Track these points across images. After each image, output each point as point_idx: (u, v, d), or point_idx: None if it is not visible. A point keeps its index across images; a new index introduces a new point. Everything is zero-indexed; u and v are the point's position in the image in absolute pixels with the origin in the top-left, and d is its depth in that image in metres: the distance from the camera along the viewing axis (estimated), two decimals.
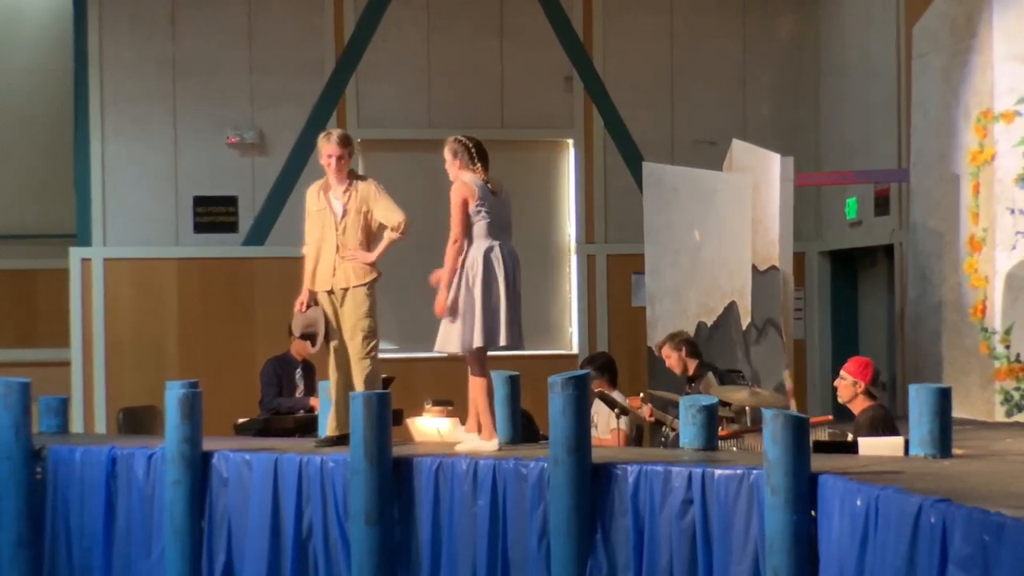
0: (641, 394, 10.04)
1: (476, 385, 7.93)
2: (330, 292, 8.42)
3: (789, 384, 10.92)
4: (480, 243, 7.92)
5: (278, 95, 14.19)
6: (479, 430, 8.00)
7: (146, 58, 14.04)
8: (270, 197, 14.16)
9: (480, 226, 7.93)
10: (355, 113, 14.30)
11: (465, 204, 7.91)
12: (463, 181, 7.97)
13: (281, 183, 14.12)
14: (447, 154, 8.04)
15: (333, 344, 8.37)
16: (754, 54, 14.88)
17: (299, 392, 11.46)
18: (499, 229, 7.96)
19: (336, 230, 8.41)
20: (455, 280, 7.88)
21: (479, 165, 7.98)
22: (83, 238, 13.99)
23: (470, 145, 8.01)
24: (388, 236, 8.48)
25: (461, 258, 7.89)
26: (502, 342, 7.85)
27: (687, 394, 9.84)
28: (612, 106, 14.58)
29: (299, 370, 11.51)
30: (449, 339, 7.88)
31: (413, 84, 14.40)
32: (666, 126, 14.74)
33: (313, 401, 11.23)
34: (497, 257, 7.89)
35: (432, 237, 14.10)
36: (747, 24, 14.85)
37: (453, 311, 7.84)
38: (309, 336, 8.42)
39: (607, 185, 14.63)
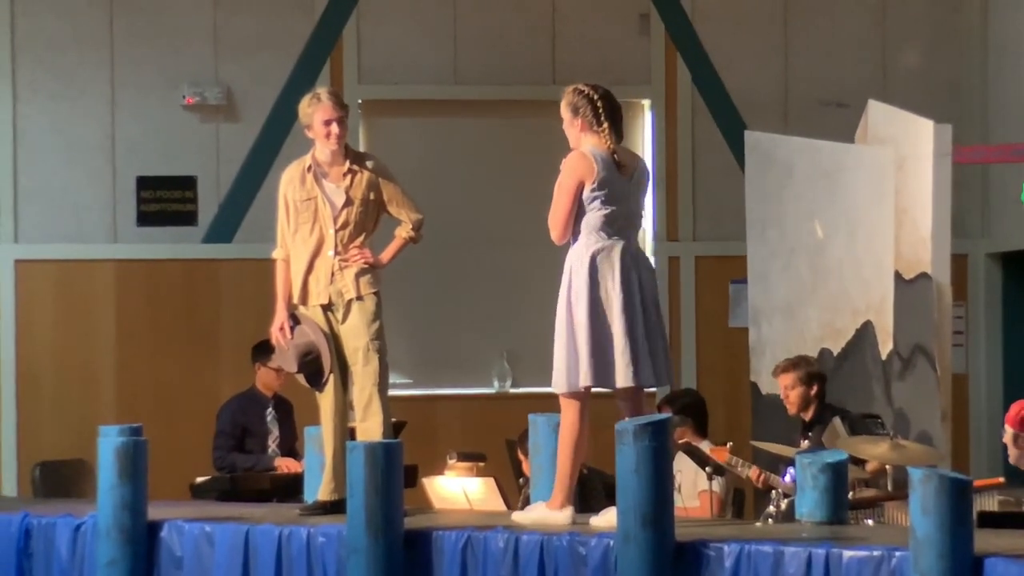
0: (728, 444, 9.99)
1: (561, 433, 7.81)
2: (326, 306, 8.47)
3: (945, 434, 10.87)
4: (589, 240, 7.72)
5: (251, 40, 14.26)
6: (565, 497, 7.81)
7: None
8: (240, 178, 14.23)
9: (594, 217, 7.71)
10: (355, 65, 14.35)
11: (580, 187, 7.70)
12: (582, 152, 7.75)
13: (255, 159, 14.19)
14: (565, 111, 7.84)
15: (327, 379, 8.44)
16: None
17: (273, 439, 11.48)
18: (621, 222, 7.76)
19: (333, 226, 8.46)
20: (561, 293, 7.72)
21: (606, 126, 7.76)
22: None
23: (595, 97, 7.77)
24: (401, 235, 8.54)
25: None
26: (622, 381, 7.67)
27: (803, 446, 9.81)
28: (703, 54, 14.58)
29: (270, 410, 11.54)
30: (554, 374, 7.75)
31: (434, 26, 14.44)
32: (777, 81, 14.72)
33: (280, 462, 11.20)
34: (611, 261, 7.67)
35: (456, 236, 14.28)
36: None
37: (559, 336, 7.69)
38: (312, 370, 8.38)
39: (696, 162, 14.63)
